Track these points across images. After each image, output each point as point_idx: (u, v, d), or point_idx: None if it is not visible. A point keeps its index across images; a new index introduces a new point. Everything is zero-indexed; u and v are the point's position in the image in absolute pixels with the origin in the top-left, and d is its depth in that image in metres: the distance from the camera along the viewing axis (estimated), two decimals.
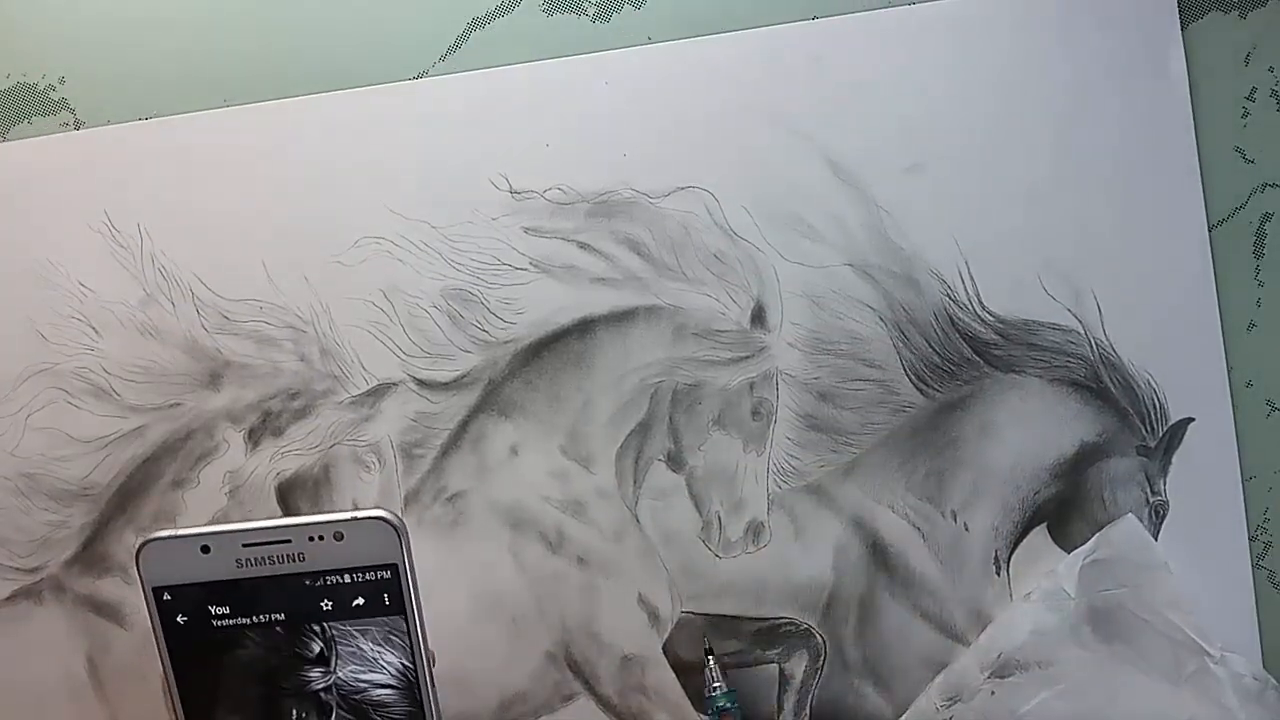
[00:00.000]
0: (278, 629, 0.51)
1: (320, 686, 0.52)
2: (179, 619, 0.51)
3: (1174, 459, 0.68)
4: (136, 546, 0.50)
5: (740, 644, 0.70)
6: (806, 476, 0.69)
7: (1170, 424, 0.68)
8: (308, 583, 0.50)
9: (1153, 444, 0.68)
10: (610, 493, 0.70)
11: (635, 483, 0.70)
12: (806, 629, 0.69)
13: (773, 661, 0.70)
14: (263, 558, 0.50)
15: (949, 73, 0.67)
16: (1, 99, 0.70)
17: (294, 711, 0.52)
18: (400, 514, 0.51)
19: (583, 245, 0.69)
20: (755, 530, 0.69)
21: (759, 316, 0.69)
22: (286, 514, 0.70)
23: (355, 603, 0.50)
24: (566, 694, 0.70)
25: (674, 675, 0.70)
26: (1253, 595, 0.69)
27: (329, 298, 0.69)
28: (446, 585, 0.70)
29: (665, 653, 0.70)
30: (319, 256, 0.69)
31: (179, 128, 0.70)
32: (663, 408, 0.69)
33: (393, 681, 0.52)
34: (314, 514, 0.50)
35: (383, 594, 0.50)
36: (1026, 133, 0.68)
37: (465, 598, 0.70)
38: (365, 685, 0.52)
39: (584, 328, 0.69)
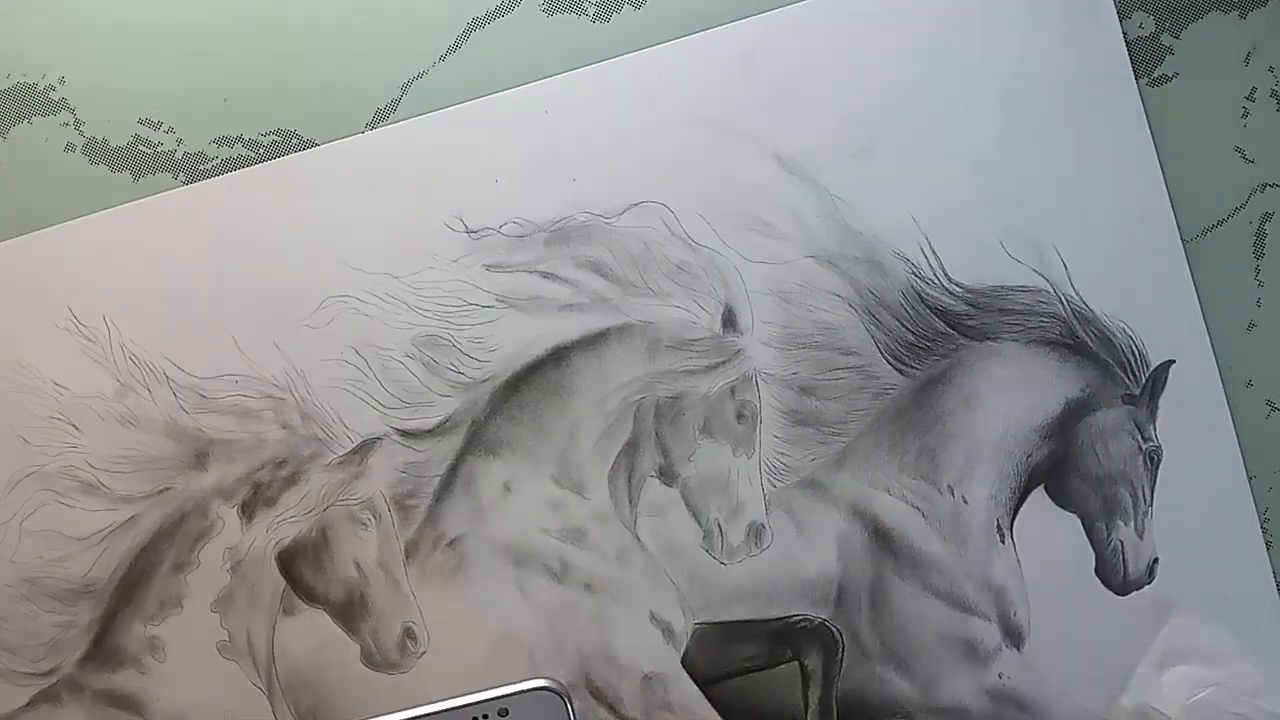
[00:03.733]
0: None
1: None
2: None
3: (1160, 403, 0.68)
4: None
5: (757, 647, 0.70)
6: (799, 472, 0.69)
7: (1152, 369, 0.68)
8: None
9: (1137, 391, 0.68)
10: (608, 516, 0.70)
11: (631, 502, 0.70)
12: (821, 623, 0.69)
13: (792, 660, 0.70)
14: None
15: (884, 53, 0.68)
16: (1, 99, 0.70)
17: None
18: (556, 682, 0.49)
19: (545, 274, 0.69)
20: (756, 533, 0.69)
21: (730, 320, 0.69)
22: (290, 583, 0.70)
23: None
24: None
25: (696, 688, 0.69)
26: (1256, 521, 0.68)
27: (302, 362, 0.70)
28: (458, 631, 0.70)
29: (685, 666, 0.70)
30: (286, 322, 0.70)
31: (126, 217, 0.70)
32: (647, 424, 0.69)
33: None
34: (475, 692, 0.49)
35: None
36: (970, 99, 0.68)
37: (478, 641, 0.70)
38: None
39: (558, 356, 0.69)
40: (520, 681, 0.48)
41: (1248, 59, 0.67)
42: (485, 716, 0.49)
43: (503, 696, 0.49)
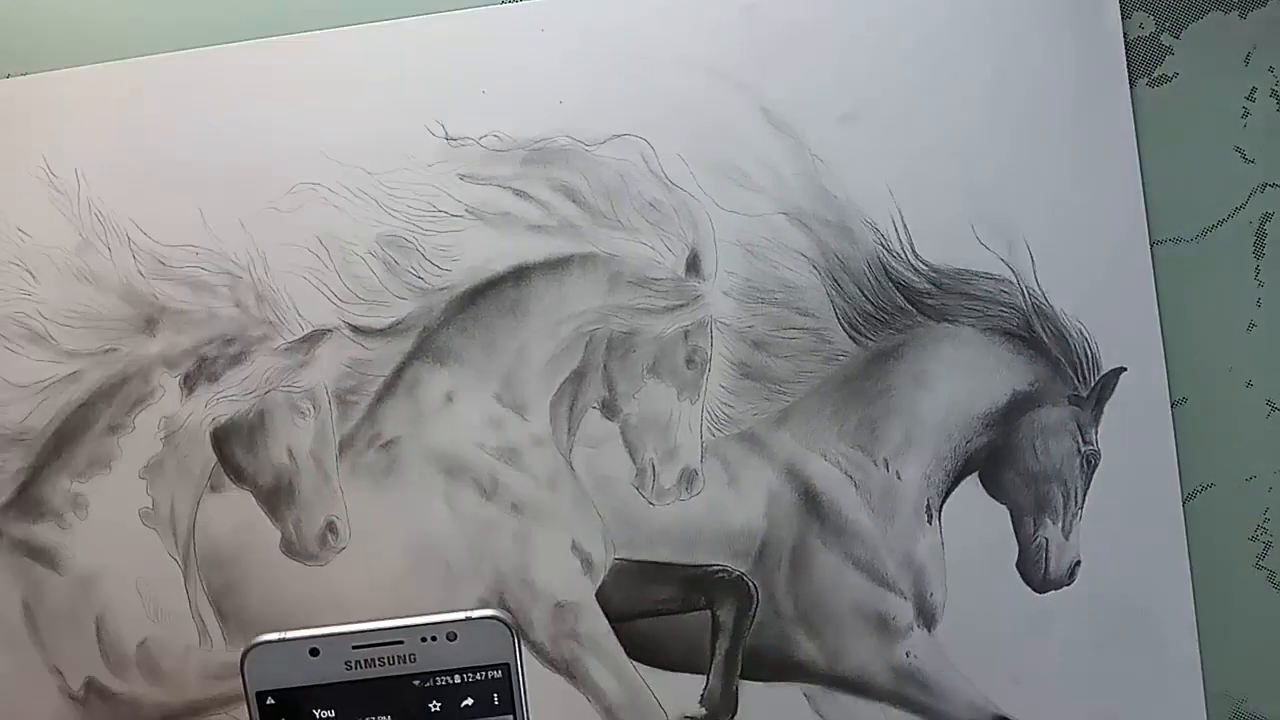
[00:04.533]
0: None
1: None
2: None
3: (1106, 409, 0.68)
4: (243, 651, 0.49)
5: (672, 590, 0.70)
6: (740, 424, 0.69)
7: (1102, 374, 0.68)
8: (417, 684, 0.49)
9: (1084, 393, 0.68)
10: (545, 440, 0.70)
11: (570, 430, 0.70)
12: (739, 576, 0.69)
13: (705, 608, 0.70)
14: (373, 659, 0.49)
15: (882, 21, 0.68)
16: None
17: None
18: (506, 613, 0.50)
19: (518, 192, 0.69)
20: (689, 478, 0.69)
21: (694, 265, 0.69)
22: (222, 461, 0.70)
23: (464, 704, 0.49)
24: None
25: (607, 622, 0.70)
26: (1184, 539, 0.69)
27: (265, 244, 0.69)
28: (379, 532, 0.70)
29: (599, 600, 0.70)
30: (255, 202, 0.69)
31: (115, 74, 0.70)
32: (598, 355, 0.69)
33: None
34: (427, 615, 0.49)
35: (493, 694, 0.49)
36: (960, 81, 0.68)
37: (399, 545, 0.70)
38: None
39: (519, 275, 0.69)
40: (470, 610, 0.49)
41: (1248, 59, 0.67)
42: (434, 638, 0.48)
43: (453, 621, 0.48)
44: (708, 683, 0.70)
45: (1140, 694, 0.70)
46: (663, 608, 0.70)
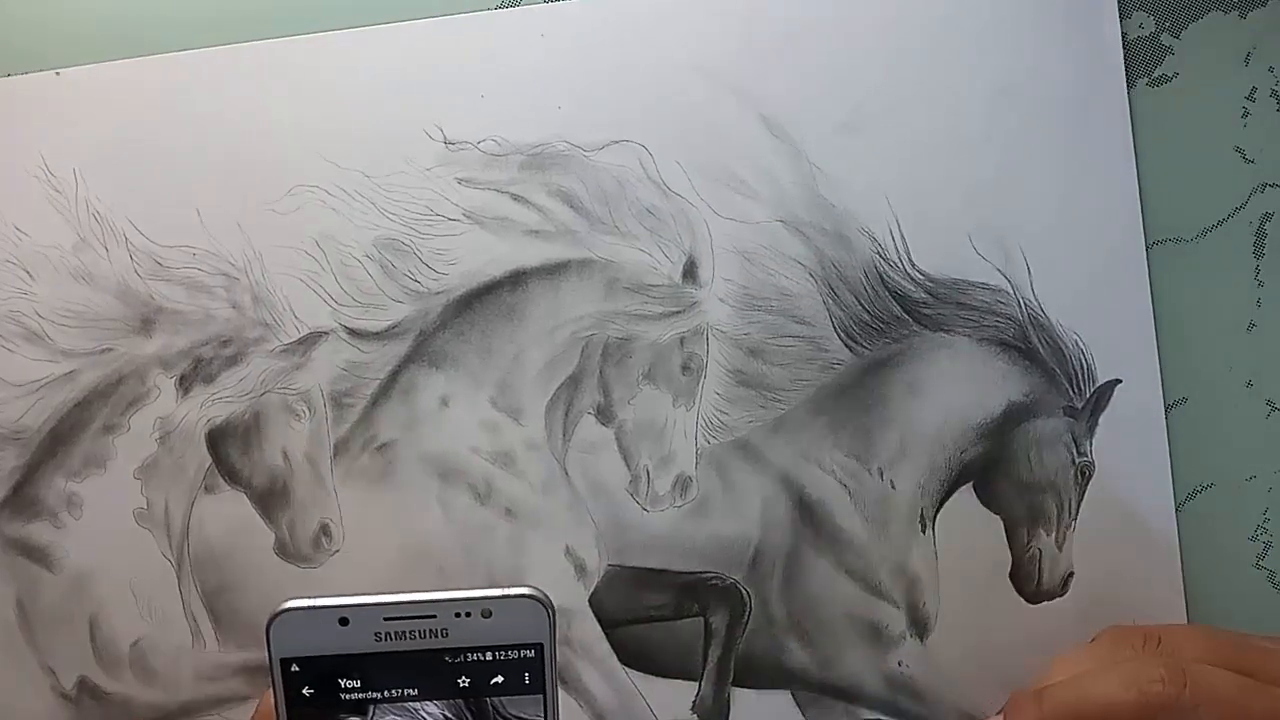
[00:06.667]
0: (408, 704, 0.48)
1: None
2: (305, 691, 0.48)
3: (1100, 421, 0.68)
4: (269, 616, 0.47)
5: (665, 597, 0.70)
6: (735, 432, 0.69)
7: (1097, 385, 0.68)
8: (448, 659, 0.48)
9: (1079, 405, 0.68)
10: (540, 445, 0.70)
11: (565, 435, 0.70)
12: (732, 584, 0.69)
13: (697, 615, 0.70)
14: (404, 632, 0.47)
15: (883, 29, 0.67)
16: None
17: None
18: (542, 593, 0.48)
19: (516, 197, 0.69)
20: (683, 485, 0.69)
21: (691, 271, 0.69)
22: (216, 462, 0.70)
23: (494, 681, 0.48)
24: None
25: (599, 628, 0.70)
26: (1178, 552, 0.69)
27: (262, 245, 0.69)
28: (373, 535, 0.70)
29: (591, 606, 0.70)
30: (253, 204, 0.69)
31: (115, 73, 0.70)
32: (593, 361, 0.69)
33: None
34: (462, 589, 0.47)
35: (524, 673, 0.48)
36: (958, 88, 0.68)
37: (393, 548, 0.70)
38: None
39: (516, 280, 0.69)
40: (507, 586, 0.48)
41: (1248, 59, 0.66)
42: (469, 614, 0.47)
43: (489, 598, 0.47)
44: (700, 689, 0.70)
45: None
46: (655, 614, 0.70)
